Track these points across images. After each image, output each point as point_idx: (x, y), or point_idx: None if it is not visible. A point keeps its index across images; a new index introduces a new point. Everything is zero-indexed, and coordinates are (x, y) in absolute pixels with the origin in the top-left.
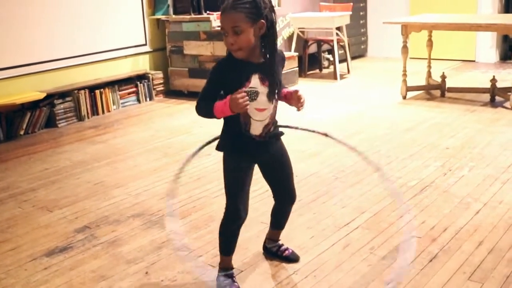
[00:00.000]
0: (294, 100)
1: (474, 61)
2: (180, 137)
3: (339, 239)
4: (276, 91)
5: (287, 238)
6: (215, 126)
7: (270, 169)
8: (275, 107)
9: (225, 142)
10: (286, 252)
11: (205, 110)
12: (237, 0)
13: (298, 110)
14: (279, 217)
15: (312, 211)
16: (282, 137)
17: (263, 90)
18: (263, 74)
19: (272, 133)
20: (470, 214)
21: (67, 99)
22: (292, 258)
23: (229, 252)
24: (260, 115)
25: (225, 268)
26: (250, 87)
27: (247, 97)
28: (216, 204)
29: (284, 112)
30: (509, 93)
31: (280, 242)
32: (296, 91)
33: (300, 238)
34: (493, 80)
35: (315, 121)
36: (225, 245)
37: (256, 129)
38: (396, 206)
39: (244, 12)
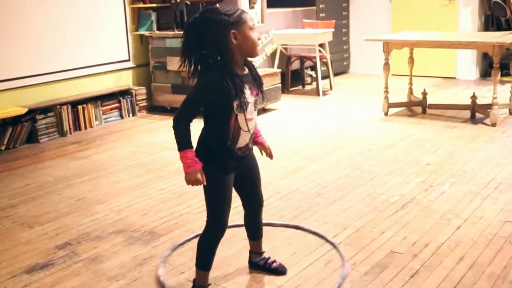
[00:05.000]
0: (267, 153)
1: (454, 78)
2: (163, 153)
3: (321, 255)
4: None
5: (270, 254)
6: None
7: (244, 179)
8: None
9: (206, 156)
10: (274, 264)
11: (180, 135)
12: None
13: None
14: (253, 226)
15: None
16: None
17: (251, 99)
18: (251, 84)
19: (251, 148)
20: (451, 230)
21: (49, 114)
22: (280, 270)
23: (209, 266)
24: (249, 125)
25: (202, 286)
26: (244, 98)
27: (200, 183)
28: (199, 220)
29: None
30: (489, 110)
31: (266, 255)
32: (268, 148)
33: (282, 254)
34: (474, 97)
35: (297, 137)
36: (207, 259)
37: (243, 140)
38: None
39: None
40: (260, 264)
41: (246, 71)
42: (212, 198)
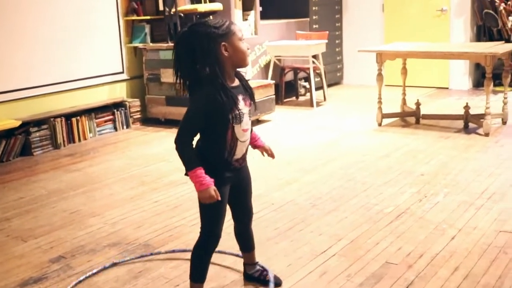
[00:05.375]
0: (268, 154)
1: (447, 88)
2: (157, 165)
3: (316, 266)
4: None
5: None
6: None
7: (238, 190)
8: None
9: (203, 167)
10: (268, 276)
11: (186, 156)
12: None
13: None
14: (244, 238)
15: (289, 239)
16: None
17: (246, 110)
18: (243, 95)
19: (246, 159)
20: (445, 240)
21: (43, 127)
22: (276, 282)
23: (203, 278)
24: (245, 135)
25: None
26: (239, 109)
27: (215, 199)
28: (194, 232)
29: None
30: (482, 120)
31: (262, 265)
32: (269, 149)
33: (277, 266)
34: (467, 107)
35: (291, 148)
36: (201, 271)
37: (240, 151)
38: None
39: None
40: (255, 276)
41: (237, 82)
42: (208, 210)
